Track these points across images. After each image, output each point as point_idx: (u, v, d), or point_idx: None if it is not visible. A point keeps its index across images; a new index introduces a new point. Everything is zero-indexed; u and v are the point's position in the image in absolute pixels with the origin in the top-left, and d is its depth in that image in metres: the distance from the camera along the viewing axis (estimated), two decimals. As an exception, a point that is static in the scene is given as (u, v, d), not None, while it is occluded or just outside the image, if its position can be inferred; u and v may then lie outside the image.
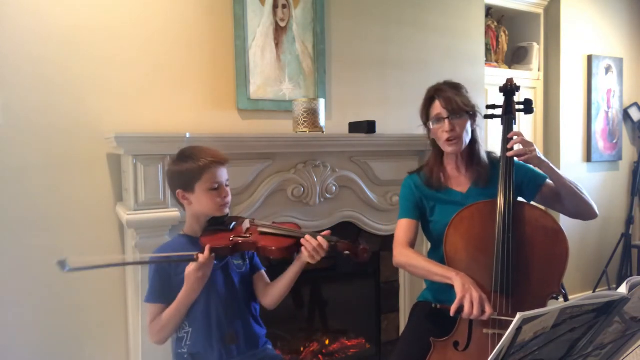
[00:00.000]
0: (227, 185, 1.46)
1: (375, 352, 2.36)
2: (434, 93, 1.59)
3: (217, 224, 1.47)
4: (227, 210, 1.47)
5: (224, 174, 1.45)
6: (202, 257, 1.31)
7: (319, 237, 1.39)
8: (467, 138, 1.57)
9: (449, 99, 1.54)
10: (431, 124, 1.59)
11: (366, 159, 2.17)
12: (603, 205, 3.50)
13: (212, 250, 1.35)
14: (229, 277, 1.48)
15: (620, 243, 3.68)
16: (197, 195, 1.42)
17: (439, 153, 1.65)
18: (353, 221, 2.19)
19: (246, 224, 1.49)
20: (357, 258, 1.42)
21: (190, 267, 1.32)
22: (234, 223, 1.48)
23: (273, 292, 1.50)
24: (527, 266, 1.41)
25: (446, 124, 1.54)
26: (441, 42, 2.63)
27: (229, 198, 1.46)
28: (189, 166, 1.41)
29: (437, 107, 1.57)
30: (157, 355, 1.71)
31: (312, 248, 1.37)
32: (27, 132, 1.75)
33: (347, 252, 1.42)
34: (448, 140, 1.55)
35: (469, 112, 1.56)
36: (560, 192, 1.52)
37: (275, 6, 2.16)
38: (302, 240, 1.39)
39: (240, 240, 1.41)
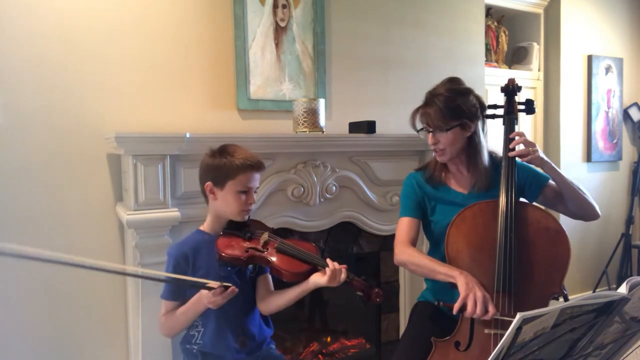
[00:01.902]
0: (255, 192, 1.46)
1: (375, 352, 2.35)
2: (422, 104, 1.57)
3: (237, 229, 1.46)
4: (247, 217, 1.46)
5: (256, 179, 1.45)
6: (221, 294, 1.28)
7: (340, 266, 1.40)
8: (454, 149, 1.55)
9: (428, 115, 1.53)
10: (420, 133, 1.60)
11: (366, 159, 2.17)
12: (603, 205, 3.45)
13: (224, 258, 1.36)
14: (243, 281, 1.48)
15: (620, 243, 3.68)
16: (225, 193, 1.42)
17: None
18: (353, 221, 2.19)
19: (265, 237, 1.46)
20: (369, 300, 1.43)
21: (207, 292, 1.30)
22: (252, 233, 1.47)
23: (272, 302, 1.50)
24: (529, 266, 1.40)
25: (429, 138, 1.55)
26: (441, 42, 2.63)
27: (254, 205, 1.46)
28: (226, 162, 1.41)
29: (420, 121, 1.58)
30: (157, 355, 1.71)
31: (333, 268, 1.37)
32: (27, 132, 1.75)
33: (359, 292, 1.43)
34: (435, 150, 1.57)
35: (454, 126, 1.52)
36: (563, 192, 1.51)
37: (275, 6, 2.16)
38: (328, 261, 1.39)
39: (255, 254, 1.41)
